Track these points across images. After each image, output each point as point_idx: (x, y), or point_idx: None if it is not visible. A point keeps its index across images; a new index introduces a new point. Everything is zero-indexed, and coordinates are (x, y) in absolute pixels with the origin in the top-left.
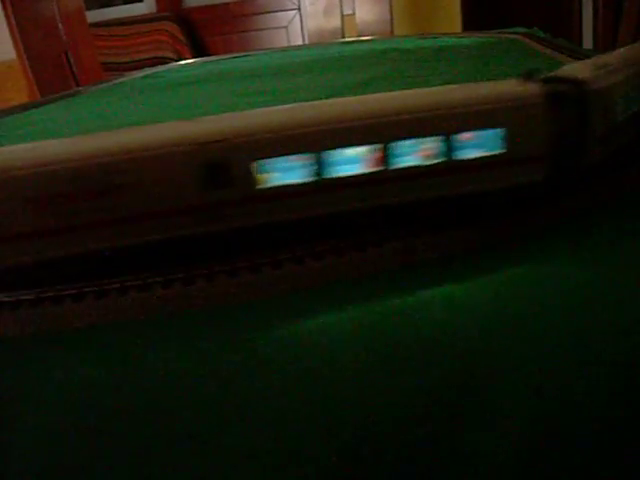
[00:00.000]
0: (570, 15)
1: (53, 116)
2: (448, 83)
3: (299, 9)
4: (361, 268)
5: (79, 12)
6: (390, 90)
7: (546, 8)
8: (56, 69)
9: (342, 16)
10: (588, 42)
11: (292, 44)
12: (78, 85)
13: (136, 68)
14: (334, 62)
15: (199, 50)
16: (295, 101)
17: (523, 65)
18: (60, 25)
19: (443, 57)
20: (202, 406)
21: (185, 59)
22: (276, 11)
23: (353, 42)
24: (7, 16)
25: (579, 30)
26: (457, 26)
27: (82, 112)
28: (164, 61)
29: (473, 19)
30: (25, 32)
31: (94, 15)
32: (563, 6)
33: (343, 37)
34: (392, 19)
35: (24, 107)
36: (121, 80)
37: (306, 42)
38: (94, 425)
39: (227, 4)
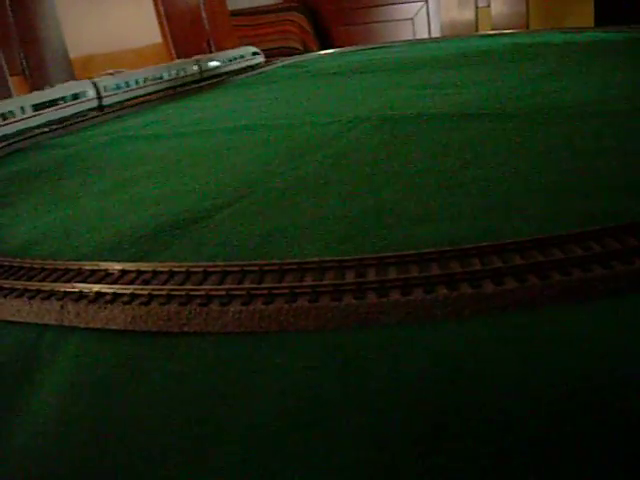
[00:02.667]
0: None
1: (215, 104)
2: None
3: (426, 1)
4: None
5: (221, 2)
6: (561, 85)
7: None
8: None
9: (476, 8)
10: None
11: (417, 37)
12: None
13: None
14: (485, 56)
15: (324, 41)
16: (475, 97)
17: None
18: (204, 14)
19: (599, 54)
20: None
21: (311, 49)
22: (402, 3)
23: (495, 35)
24: (156, 3)
25: None
26: (590, 20)
27: (243, 100)
28: (291, 51)
29: (605, 14)
30: (172, 20)
31: None
32: None
33: (477, 30)
34: (528, 12)
35: (176, 96)
36: (266, 69)
37: (432, 35)
38: None
39: None
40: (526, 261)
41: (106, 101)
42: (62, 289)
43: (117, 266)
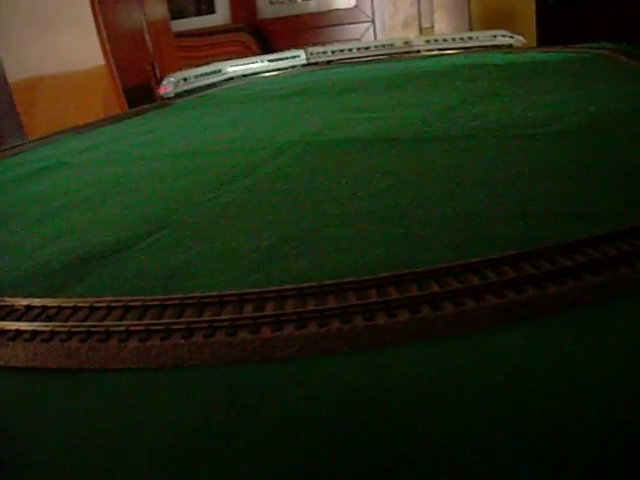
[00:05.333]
0: None
1: (152, 128)
2: (556, 102)
3: (373, 22)
4: None
5: (165, 24)
6: (494, 108)
7: (620, 18)
8: (143, 79)
9: (420, 28)
10: None
11: None
12: None
13: None
14: (424, 78)
15: None
16: (407, 120)
17: (618, 81)
18: (147, 36)
19: (536, 74)
20: None
21: None
22: (349, 23)
23: (437, 56)
24: (98, 26)
25: None
26: (532, 40)
27: (181, 124)
28: None
29: (548, 32)
30: (115, 42)
31: None
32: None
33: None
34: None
35: (117, 118)
36: (209, 92)
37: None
38: None
39: (300, 16)
40: (421, 292)
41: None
42: None
43: (23, 302)
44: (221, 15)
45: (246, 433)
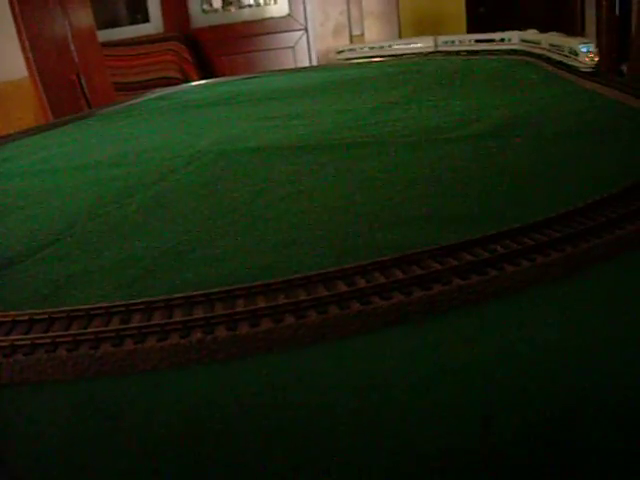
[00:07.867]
0: (572, 16)
1: (71, 139)
2: (470, 107)
3: (306, 30)
4: None
5: (91, 33)
6: (409, 114)
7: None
8: (68, 90)
9: (351, 36)
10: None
11: (299, 64)
12: (90, 106)
13: (144, 88)
14: (350, 84)
15: (206, 70)
16: (319, 127)
17: (535, 86)
18: (72, 46)
19: (459, 80)
20: None
21: (192, 79)
22: (283, 32)
23: (365, 64)
24: (20, 35)
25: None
26: None
27: (101, 135)
28: (171, 81)
29: None
30: (37, 52)
31: (101, 35)
32: (566, 7)
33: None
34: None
35: (40, 129)
36: (134, 102)
37: (313, 63)
38: None
39: (234, 25)
40: (287, 300)
41: None
42: None
43: None
44: (154, 24)
45: (104, 447)
